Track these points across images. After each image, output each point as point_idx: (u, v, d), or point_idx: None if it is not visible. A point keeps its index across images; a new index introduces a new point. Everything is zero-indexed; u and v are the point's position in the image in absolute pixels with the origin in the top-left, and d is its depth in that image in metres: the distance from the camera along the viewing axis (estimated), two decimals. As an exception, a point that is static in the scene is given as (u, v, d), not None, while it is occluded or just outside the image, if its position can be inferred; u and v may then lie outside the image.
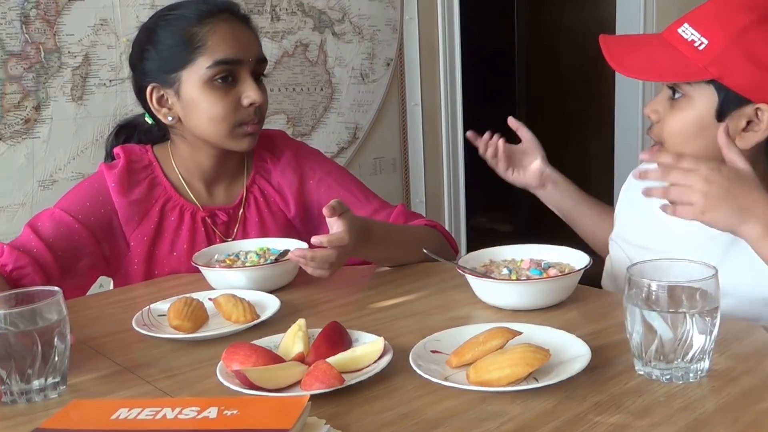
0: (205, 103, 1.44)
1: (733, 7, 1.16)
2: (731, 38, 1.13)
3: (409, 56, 3.09)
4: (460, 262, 1.28)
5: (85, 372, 1.06)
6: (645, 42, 1.26)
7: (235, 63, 1.44)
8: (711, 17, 1.17)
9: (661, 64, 1.20)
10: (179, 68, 1.44)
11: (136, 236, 1.50)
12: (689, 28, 1.18)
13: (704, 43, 1.15)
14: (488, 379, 0.92)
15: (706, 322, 0.91)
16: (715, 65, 1.14)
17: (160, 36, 1.46)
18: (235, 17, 1.48)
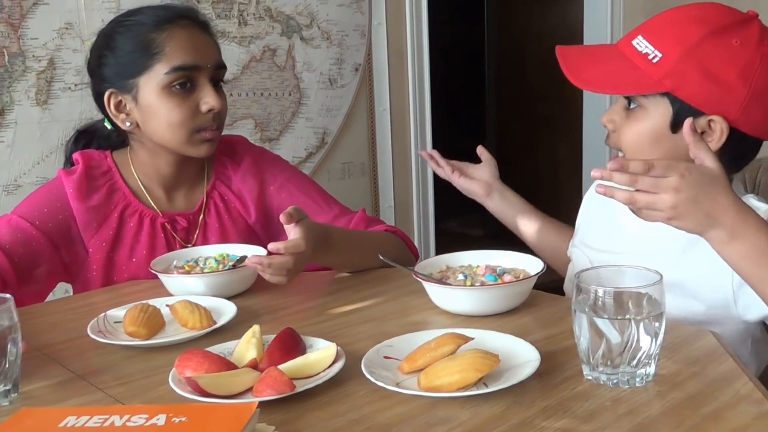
0: (163, 109, 1.44)
1: (686, 21, 1.17)
2: (685, 52, 1.15)
3: (378, 61, 3.10)
4: (417, 267, 1.28)
5: (37, 379, 1.06)
6: (601, 54, 1.27)
7: (193, 69, 1.44)
8: (664, 30, 1.19)
9: (617, 77, 1.21)
10: (137, 74, 1.44)
11: (95, 242, 1.50)
12: (643, 40, 1.19)
13: (658, 56, 1.16)
14: (438, 384, 0.93)
15: (651, 327, 0.93)
16: (669, 78, 1.16)
17: (118, 42, 1.46)
18: (194, 23, 1.48)
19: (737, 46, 1.14)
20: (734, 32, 1.15)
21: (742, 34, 1.15)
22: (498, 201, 1.59)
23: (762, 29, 1.16)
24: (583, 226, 1.50)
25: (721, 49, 1.14)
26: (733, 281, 1.18)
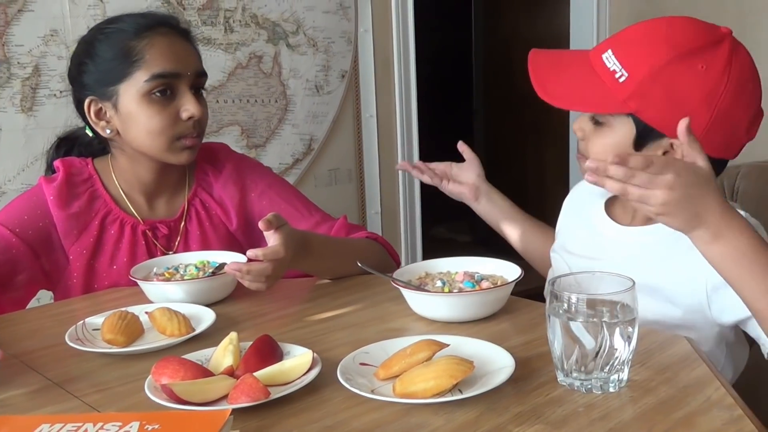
0: (143, 117, 1.44)
1: (655, 42, 1.17)
2: (651, 74, 1.15)
3: (364, 68, 3.11)
4: (396, 274, 1.29)
5: (13, 387, 1.06)
6: (570, 65, 1.27)
7: (173, 76, 1.44)
8: (633, 48, 1.19)
9: (584, 93, 1.22)
10: (117, 82, 1.44)
11: (76, 249, 1.50)
12: (612, 56, 1.19)
13: (624, 76, 1.17)
14: (413, 391, 0.93)
15: (624, 333, 0.93)
16: (633, 100, 1.17)
17: (98, 49, 1.46)
18: (174, 31, 1.49)
19: (703, 71, 1.14)
20: (701, 56, 1.14)
21: (709, 59, 1.14)
22: (485, 203, 1.59)
23: (731, 51, 1.16)
24: (562, 231, 1.50)
25: (686, 74, 1.14)
26: (707, 286, 1.19)
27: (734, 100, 1.15)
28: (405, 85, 3.21)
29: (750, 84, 1.18)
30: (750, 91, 1.18)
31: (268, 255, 1.26)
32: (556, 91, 1.23)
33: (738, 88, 1.15)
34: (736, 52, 1.16)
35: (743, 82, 1.16)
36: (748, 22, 3.17)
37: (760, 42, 3.14)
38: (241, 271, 1.26)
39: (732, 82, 1.14)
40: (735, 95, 1.15)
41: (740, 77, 1.15)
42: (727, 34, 1.18)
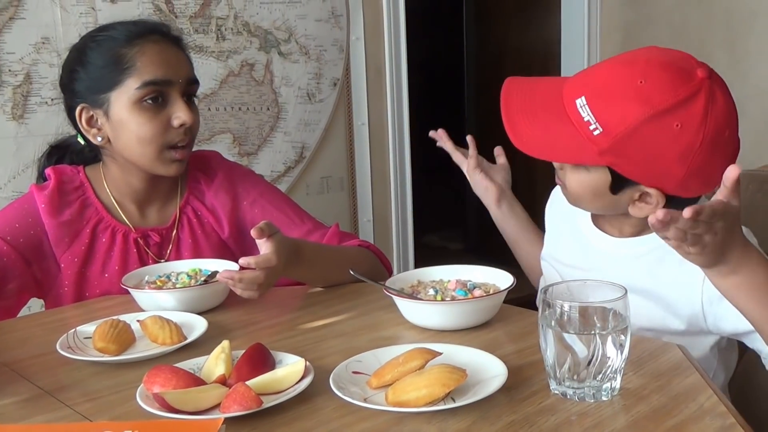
0: (134, 124, 1.44)
1: (630, 98, 1.13)
2: (626, 132, 1.12)
3: (356, 76, 3.11)
4: (388, 282, 1.29)
5: (4, 396, 1.05)
6: (544, 105, 1.22)
7: (165, 84, 1.44)
8: (608, 102, 1.15)
9: (559, 144, 1.19)
10: (108, 89, 1.44)
11: (67, 257, 1.49)
12: (586, 105, 1.16)
13: (599, 130, 1.14)
14: (406, 399, 0.93)
15: (617, 341, 0.94)
16: (609, 155, 1.15)
17: (90, 56, 1.46)
18: (165, 38, 1.49)
19: (678, 129, 1.11)
20: (676, 115, 1.11)
21: (685, 117, 1.11)
22: (506, 211, 1.58)
23: (706, 104, 1.12)
24: (550, 239, 1.50)
25: (661, 134, 1.12)
26: (703, 298, 1.19)
27: (710, 152, 1.13)
28: (397, 93, 3.21)
29: (726, 131, 1.15)
30: (726, 138, 1.16)
31: (260, 263, 1.26)
32: (530, 140, 1.21)
33: (714, 140, 1.13)
34: (712, 102, 1.13)
35: (719, 132, 1.14)
36: (737, 31, 3.19)
37: (750, 51, 3.17)
38: (233, 279, 1.26)
39: (708, 136, 1.12)
40: (711, 147, 1.13)
41: (716, 129, 1.13)
42: (704, 79, 1.13)
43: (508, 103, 1.24)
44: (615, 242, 1.33)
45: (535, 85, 1.28)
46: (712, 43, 3.22)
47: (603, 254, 1.34)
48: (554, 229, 1.49)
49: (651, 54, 1.18)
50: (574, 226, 1.41)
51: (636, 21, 3.48)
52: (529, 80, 1.29)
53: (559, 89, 1.22)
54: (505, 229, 1.60)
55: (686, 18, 3.32)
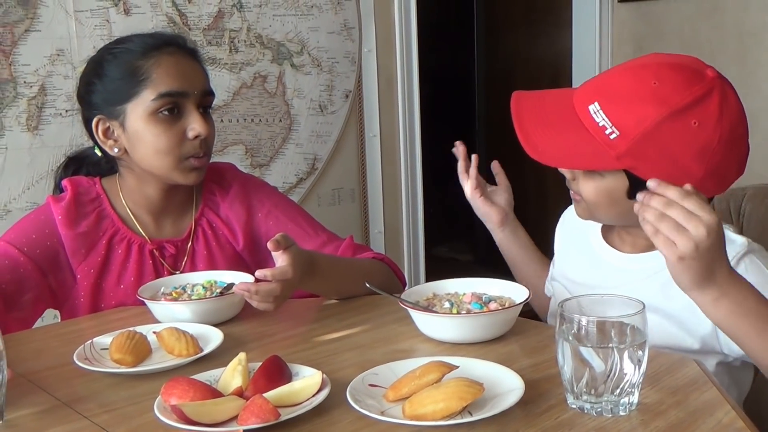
0: (150, 136, 1.44)
1: (645, 100, 1.14)
2: (644, 134, 1.13)
3: (368, 88, 3.12)
4: (403, 295, 1.29)
5: (22, 407, 1.06)
6: (555, 115, 1.23)
7: (180, 95, 1.45)
8: (623, 105, 1.15)
9: (575, 151, 1.19)
10: (124, 101, 1.45)
11: (83, 269, 1.50)
12: (600, 111, 1.16)
13: (616, 133, 1.14)
14: (423, 413, 0.93)
15: (634, 356, 0.94)
16: (627, 158, 1.15)
17: (106, 69, 1.47)
18: (181, 50, 1.49)
19: (696, 127, 1.12)
20: (693, 113, 1.12)
21: (701, 114, 1.12)
22: (509, 234, 1.57)
23: (721, 101, 1.13)
24: (560, 259, 1.50)
25: (679, 132, 1.13)
26: None
27: (727, 150, 1.14)
28: (408, 105, 3.22)
29: (740, 128, 1.17)
30: (740, 135, 1.17)
31: (276, 275, 1.26)
32: (544, 148, 1.21)
33: (730, 138, 1.14)
34: (725, 99, 1.14)
35: (734, 129, 1.15)
36: (748, 42, 3.18)
37: (761, 62, 3.16)
38: (249, 291, 1.27)
39: (724, 134, 1.13)
40: (728, 145, 1.14)
41: (731, 127, 1.14)
42: (715, 78, 1.15)
43: (519, 116, 1.24)
44: (627, 258, 1.32)
45: (544, 96, 1.28)
46: (724, 56, 3.22)
47: (615, 270, 1.33)
48: (565, 248, 1.49)
49: (660, 58, 1.20)
50: (586, 243, 1.40)
51: (647, 34, 3.48)
52: (536, 93, 1.29)
53: (569, 98, 1.22)
54: (507, 251, 1.59)
55: (697, 31, 3.32)
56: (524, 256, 1.58)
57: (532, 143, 1.21)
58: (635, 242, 1.31)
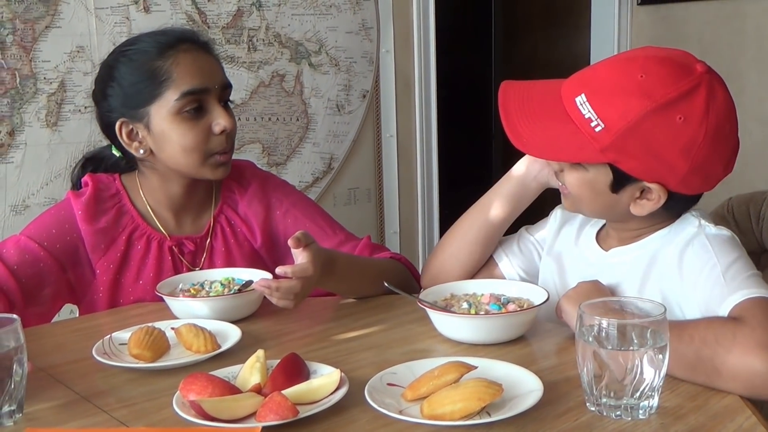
0: (177, 135, 1.45)
1: (631, 93, 1.12)
2: (628, 127, 1.11)
3: (385, 88, 3.12)
4: (421, 295, 1.29)
5: (42, 400, 1.06)
6: (542, 106, 1.22)
7: (202, 92, 1.45)
8: (608, 98, 1.14)
9: (559, 143, 1.18)
10: (147, 103, 1.45)
11: (102, 264, 1.50)
12: (586, 102, 1.15)
13: (601, 126, 1.13)
14: (441, 413, 0.93)
15: (655, 359, 0.93)
16: (611, 151, 1.14)
17: (122, 72, 1.47)
18: (196, 45, 1.49)
19: (680, 123, 1.11)
20: (678, 108, 1.11)
21: (687, 110, 1.11)
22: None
23: (708, 97, 1.11)
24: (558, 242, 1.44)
25: (664, 127, 1.11)
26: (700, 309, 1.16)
27: (712, 147, 1.13)
28: (425, 106, 3.22)
29: (727, 126, 1.15)
30: (726, 133, 1.15)
31: (296, 272, 1.26)
32: (529, 139, 1.20)
33: (716, 135, 1.12)
34: (712, 96, 1.12)
35: (720, 127, 1.13)
36: (769, 47, 3.17)
37: (783, 68, 3.14)
38: (270, 288, 1.27)
39: (710, 131, 1.11)
40: (713, 141, 1.12)
41: (717, 123, 1.12)
42: (703, 74, 1.12)
43: (506, 106, 1.23)
44: (605, 254, 1.31)
45: (532, 87, 1.27)
46: (744, 61, 3.20)
47: (589, 266, 1.32)
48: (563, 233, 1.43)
49: (649, 51, 1.19)
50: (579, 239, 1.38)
51: (666, 38, 3.47)
52: (525, 83, 1.29)
53: (557, 90, 1.22)
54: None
55: (717, 35, 3.31)
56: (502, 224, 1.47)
57: (518, 134, 1.21)
58: (620, 237, 1.30)
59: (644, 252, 1.24)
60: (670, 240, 1.23)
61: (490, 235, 1.45)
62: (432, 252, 1.55)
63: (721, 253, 1.16)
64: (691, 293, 1.16)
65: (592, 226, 1.37)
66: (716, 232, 1.20)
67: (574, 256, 1.37)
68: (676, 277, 1.19)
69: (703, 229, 1.21)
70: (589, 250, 1.34)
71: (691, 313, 1.16)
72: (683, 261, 1.19)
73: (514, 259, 1.45)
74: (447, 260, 1.47)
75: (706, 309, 1.13)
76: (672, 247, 1.21)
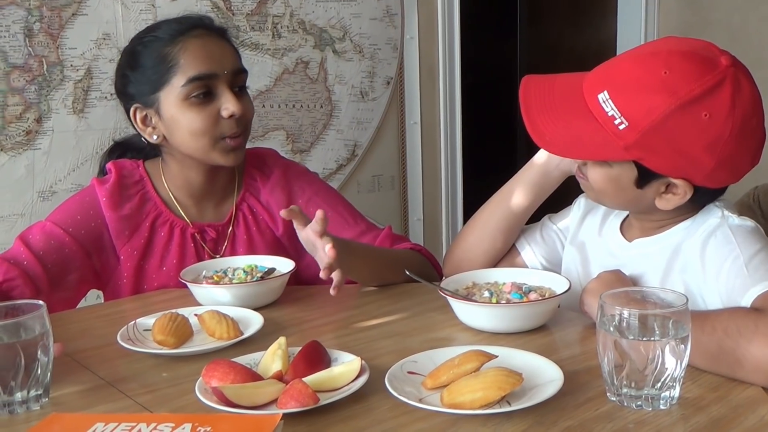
0: (185, 120, 1.46)
1: (655, 90, 1.10)
2: (652, 125, 1.10)
3: (409, 75, 3.11)
4: (443, 284, 1.29)
5: (67, 385, 1.08)
6: (565, 104, 1.20)
7: (210, 77, 1.46)
8: (632, 95, 1.13)
9: (583, 141, 1.17)
10: (157, 89, 1.46)
11: (126, 250, 1.52)
12: (609, 100, 1.13)
13: (625, 124, 1.12)
14: (461, 401, 0.93)
15: (676, 350, 0.93)
16: (635, 149, 1.13)
17: (138, 59, 1.49)
18: (209, 31, 1.50)
19: (706, 119, 1.09)
20: (703, 104, 1.09)
21: (712, 106, 1.09)
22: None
23: (733, 92, 1.09)
24: (581, 231, 1.43)
25: (689, 124, 1.09)
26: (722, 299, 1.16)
27: (739, 141, 1.11)
28: (449, 93, 3.21)
29: (753, 119, 1.13)
30: (753, 126, 1.13)
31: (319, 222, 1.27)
32: (553, 138, 1.19)
33: (742, 129, 1.10)
34: (738, 90, 1.10)
35: (746, 121, 1.11)
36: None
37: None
38: None
39: (736, 125, 1.09)
40: (740, 136, 1.11)
41: (744, 117, 1.10)
42: (728, 67, 1.10)
43: (527, 103, 1.22)
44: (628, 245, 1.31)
45: (554, 81, 1.25)
46: (773, 47, 3.16)
47: (610, 256, 1.32)
48: (587, 223, 1.43)
49: (671, 44, 1.16)
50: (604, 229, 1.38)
51: (694, 23, 3.43)
52: (546, 78, 1.26)
53: (579, 85, 1.20)
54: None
55: (746, 21, 3.26)
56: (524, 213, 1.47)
57: (539, 131, 1.19)
58: (643, 227, 1.29)
59: (667, 243, 1.24)
60: (693, 231, 1.22)
61: (512, 224, 1.45)
62: (454, 240, 1.55)
63: (744, 244, 1.15)
64: (713, 284, 1.15)
65: (616, 216, 1.36)
66: (739, 223, 1.19)
67: (598, 246, 1.37)
68: (699, 268, 1.18)
69: (726, 220, 1.20)
70: (612, 241, 1.34)
71: (713, 303, 1.15)
72: (706, 252, 1.18)
73: (536, 247, 1.45)
74: (469, 249, 1.47)
75: (728, 300, 1.12)
76: (695, 239, 1.21)
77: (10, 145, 2.32)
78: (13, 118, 2.31)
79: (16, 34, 2.28)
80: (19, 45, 2.29)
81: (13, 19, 2.27)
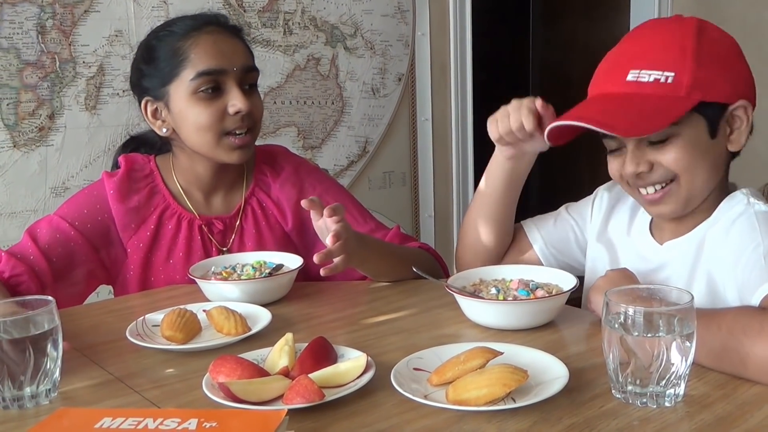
0: (192, 114, 1.47)
1: (669, 39, 1.20)
2: (693, 59, 1.16)
3: (421, 72, 3.11)
4: (450, 280, 1.29)
5: (76, 380, 1.09)
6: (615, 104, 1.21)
7: (218, 73, 1.47)
8: (656, 53, 1.18)
9: (649, 113, 1.16)
10: (168, 82, 1.48)
11: (133, 243, 1.53)
12: (642, 71, 1.17)
13: (671, 76, 1.15)
14: (466, 398, 0.94)
15: (682, 347, 0.92)
16: (696, 90, 1.15)
17: (152, 52, 1.51)
18: (221, 28, 1.51)
19: (719, 36, 1.21)
20: (707, 29, 1.21)
21: (711, 29, 1.22)
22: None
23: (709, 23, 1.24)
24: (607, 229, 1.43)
25: (714, 42, 1.19)
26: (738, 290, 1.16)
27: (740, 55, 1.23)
28: (461, 90, 3.21)
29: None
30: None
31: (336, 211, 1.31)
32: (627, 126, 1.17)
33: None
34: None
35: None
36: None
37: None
38: None
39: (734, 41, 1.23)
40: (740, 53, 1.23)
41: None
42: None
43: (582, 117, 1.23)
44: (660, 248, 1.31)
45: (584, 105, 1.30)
46: (787, 43, 3.14)
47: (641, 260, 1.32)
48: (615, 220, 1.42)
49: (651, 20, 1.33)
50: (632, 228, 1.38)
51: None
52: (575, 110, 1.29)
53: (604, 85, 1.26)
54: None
55: (760, 18, 3.24)
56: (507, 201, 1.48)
57: (611, 126, 1.18)
58: (675, 228, 1.29)
59: (695, 237, 1.25)
60: (717, 218, 1.23)
61: (500, 216, 1.47)
62: (457, 243, 1.56)
63: (767, 232, 1.15)
64: (731, 271, 1.16)
65: (644, 214, 1.36)
66: (765, 209, 1.19)
67: (627, 246, 1.37)
68: (722, 255, 1.19)
69: (752, 207, 1.20)
70: (641, 243, 1.34)
71: (731, 293, 1.16)
72: (729, 238, 1.19)
73: (546, 235, 1.47)
74: (472, 246, 1.50)
75: (741, 292, 1.12)
76: (719, 225, 1.22)
77: (23, 142, 2.34)
78: (26, 114, 2.33)
79: (29, 31, 2.30)
80: (32, 42, 2.31)
81: (26, 16, 2.29)
